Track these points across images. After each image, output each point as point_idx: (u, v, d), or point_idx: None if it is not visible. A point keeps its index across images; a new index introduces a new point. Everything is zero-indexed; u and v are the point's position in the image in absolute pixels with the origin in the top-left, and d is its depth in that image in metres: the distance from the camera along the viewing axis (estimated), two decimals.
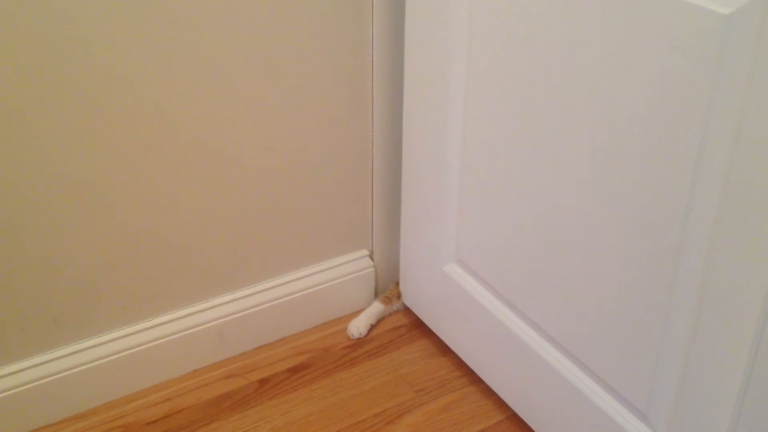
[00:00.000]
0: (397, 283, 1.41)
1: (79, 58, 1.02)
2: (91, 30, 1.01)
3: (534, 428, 1.17)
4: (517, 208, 1.07)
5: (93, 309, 1.18)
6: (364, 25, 1.20)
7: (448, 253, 1.24)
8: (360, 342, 1.36)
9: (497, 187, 1.09)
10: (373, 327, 1.39)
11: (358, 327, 1.37)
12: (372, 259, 1.41)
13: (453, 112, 1.13)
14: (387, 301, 1.40)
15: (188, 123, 1.13)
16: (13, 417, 1.17)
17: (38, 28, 0.98)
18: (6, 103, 1.00)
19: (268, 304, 1.32)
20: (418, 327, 1.39)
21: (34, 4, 0.97)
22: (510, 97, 1.02)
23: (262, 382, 1.29)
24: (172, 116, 1.11)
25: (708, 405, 0.87)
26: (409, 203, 1.30)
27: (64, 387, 1.19)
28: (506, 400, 1.23)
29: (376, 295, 1.43)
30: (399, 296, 1.41)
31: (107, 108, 1.06)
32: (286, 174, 1.25)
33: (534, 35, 0.95)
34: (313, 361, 1.32)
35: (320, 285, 1.36)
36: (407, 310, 1.42)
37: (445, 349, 1.34)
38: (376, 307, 1.40)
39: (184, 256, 1.22)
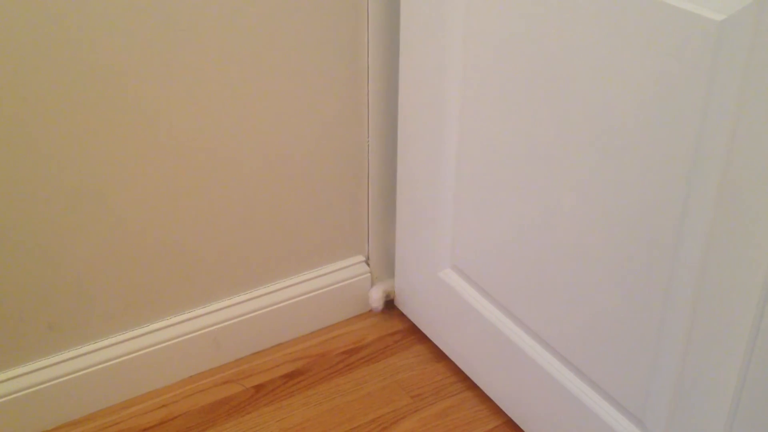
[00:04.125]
0: None
1: (77, 60, 1.02)
2: (90, 33, 1.01)
3: None
4: (512, 212, 1.07)
5: (88, 315, 1.18)
6: (359, 29, 1.20)
7: (443, 259, 1.24)
8: (356, 348, 1.36)
9: (493, 192, 1.09)
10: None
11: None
12: (368, 264, 1.41)
13: (448, 116, 1.13)
14: None
15: (182, 128, 1.13)
16: (8, 424, 1.16)
17: (37, 31, 0.98)
18: (3, 107, 1.00)
19: (264, 310, 1.32)
20: (414, 333, 1.39)
21: (33, 7, 0.97)
22: (505, 102, 1.02)
23: (258, 388, 1.28)
24: (167, 121, 1.11)
25: (704, 410, 0.88)
26: (404, 208, 1.30)
27: (59, 393, 1.18)
28: (502, 406, 1.23)
29: None
30: None
31: (104, 112, 1.06)
32: (281, 179, 1.25)
33: (530, 39, 0.95)
34: (308, 367, 1.32)
35: (316, 291, 1.36)
36: (403, 316, 1.42)
37: (440, 355, 1.34)
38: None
39: (180, 262, 1.22)
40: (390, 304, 1.44)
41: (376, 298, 1.40)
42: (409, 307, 1.39)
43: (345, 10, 1.18)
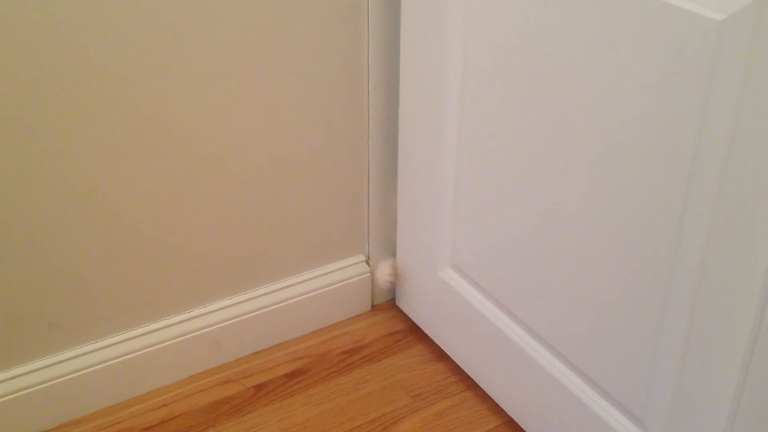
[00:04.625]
0: None
1: (77, 61, 1.02)
2: (89, 33, 1.01)
3: None
4: (512, 212, 1.07)
5: (89, 314, 1.18)
6: (359, 29, 1.20)
7: (443, 258, 1.24)
8: (356, 347, 1.36)
9: (493, 192, 1.09)
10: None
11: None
12: (368, 264, 1.41)
13: (448, 115, 1.13)
14: None
15: (183, 128, 1.13)
16: (8, 424, 1.17)
17: (36, 32, 0.98)
18: (4, 107, 1.00)
19: (264, 310, 1.32)
20: (415, 332, 1.39)
21: (34, 7, 0.97)
22: (505, 101, 1.02)
23: (259, 387, 1.28)
24: (166, 121, 1.11)
25: (704, 410, 0.88)
26: (405, 208, 1.30)
27: (60, 393, 1.19)
28: (502, 406, 1.23)
29: (373, 300, 1.43)
30: None
31: (104, 112, 1.06)
32: (281, 179, 1.25)
33: (529, 39, 0.95)
34: (309, 366, 1.32)
35: (316, 290, 1.36)
36: (404, 315, 1.42)
37: (441, 355, 1.34)
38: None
39: (181, 261, 1.22)
40: (391, 303, 1.44)
41: (388, 272, 1.38)
42: (410, 306, 1.39)
43: (345, 10, 1.18)
